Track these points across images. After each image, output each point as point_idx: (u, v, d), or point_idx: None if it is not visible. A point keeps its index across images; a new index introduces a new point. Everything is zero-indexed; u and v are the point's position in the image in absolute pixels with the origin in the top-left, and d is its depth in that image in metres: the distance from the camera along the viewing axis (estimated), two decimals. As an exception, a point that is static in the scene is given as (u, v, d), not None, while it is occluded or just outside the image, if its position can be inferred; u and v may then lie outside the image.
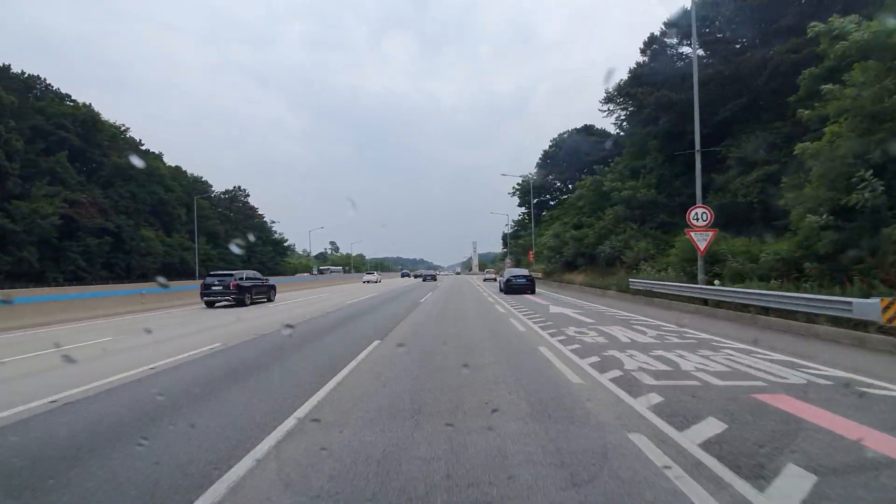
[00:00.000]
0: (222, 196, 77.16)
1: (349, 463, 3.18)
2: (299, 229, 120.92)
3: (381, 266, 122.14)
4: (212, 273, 19.05)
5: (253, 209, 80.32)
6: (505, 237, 75.67)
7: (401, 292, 26.66)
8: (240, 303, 17.69)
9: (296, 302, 20.09)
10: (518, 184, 66.88)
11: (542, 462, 3.12)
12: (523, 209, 70.94)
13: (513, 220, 69.25)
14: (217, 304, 17.85)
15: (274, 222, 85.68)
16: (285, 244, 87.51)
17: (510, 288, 21.49)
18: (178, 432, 3.97)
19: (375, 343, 8.23)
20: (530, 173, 65.17)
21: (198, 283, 20.95)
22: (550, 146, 62.41)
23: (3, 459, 3.51)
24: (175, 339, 9.63)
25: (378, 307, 16.79)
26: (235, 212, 77.33)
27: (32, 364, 7.39)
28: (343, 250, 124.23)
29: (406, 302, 18.73)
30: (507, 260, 56.31)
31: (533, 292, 21.10)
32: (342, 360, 6.73)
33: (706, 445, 3.38)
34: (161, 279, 33.22)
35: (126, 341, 9.66)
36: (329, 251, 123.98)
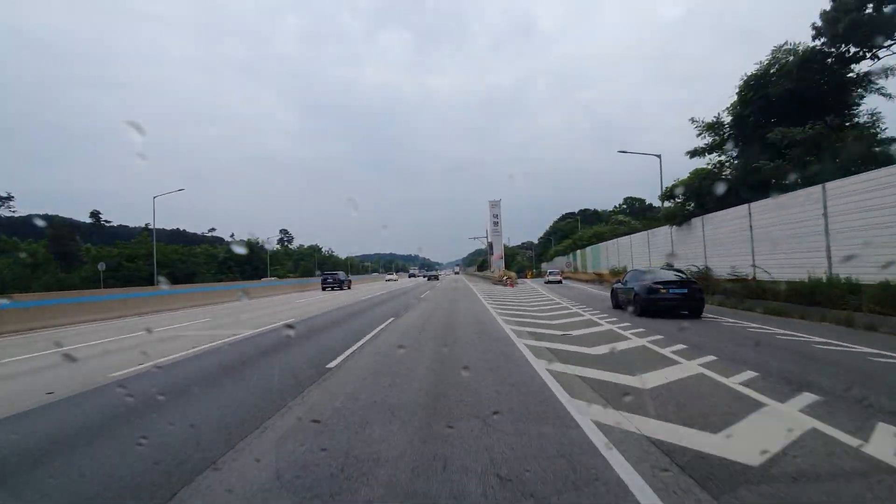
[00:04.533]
0: None
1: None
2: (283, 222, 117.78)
3: (361, 267, 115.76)
4: (326, 272, 35.29)
5: None
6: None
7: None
8: (339, 288, 33.66)
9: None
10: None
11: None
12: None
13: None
14: (327, 289, 33.85)
15: None
16: None
17: (652, 304, 11.62)
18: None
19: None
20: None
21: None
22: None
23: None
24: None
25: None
26: None
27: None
28: (301, 241, 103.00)
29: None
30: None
31: (698, 315, 11.60)
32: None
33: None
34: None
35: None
36: (283, 240, 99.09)
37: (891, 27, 16.67)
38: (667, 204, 24.05)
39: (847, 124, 18.52)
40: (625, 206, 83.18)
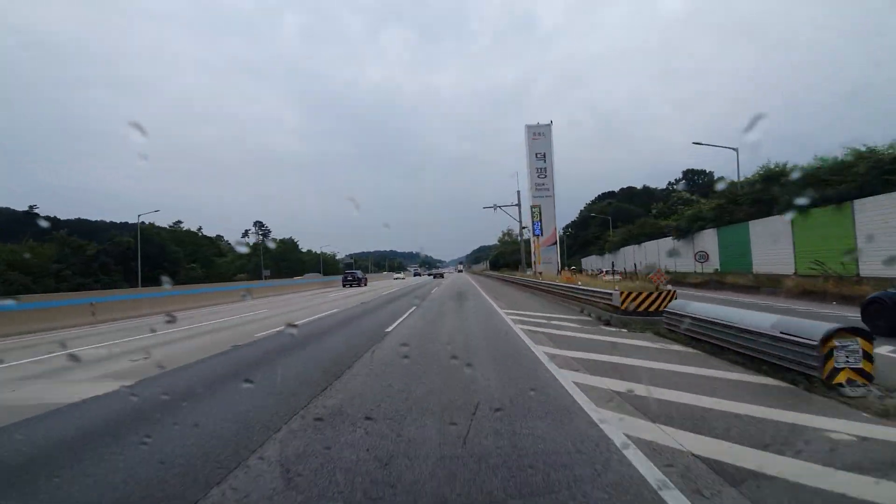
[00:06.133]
0: None
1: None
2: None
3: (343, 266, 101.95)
4: (347, 271, 37.40)
5: None
6: None
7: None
8: (358, 284, 35.47)
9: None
10: None
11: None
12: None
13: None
14: (346, 286, 35.56)
15: None
16: None
17: None
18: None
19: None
20: None
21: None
22: None
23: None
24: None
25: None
26: None
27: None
28: (277, 233, 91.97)
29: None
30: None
31: None
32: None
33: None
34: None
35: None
36: (254, 233, 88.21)
37: None
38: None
39: None
40: (683, 181, 72.36)
